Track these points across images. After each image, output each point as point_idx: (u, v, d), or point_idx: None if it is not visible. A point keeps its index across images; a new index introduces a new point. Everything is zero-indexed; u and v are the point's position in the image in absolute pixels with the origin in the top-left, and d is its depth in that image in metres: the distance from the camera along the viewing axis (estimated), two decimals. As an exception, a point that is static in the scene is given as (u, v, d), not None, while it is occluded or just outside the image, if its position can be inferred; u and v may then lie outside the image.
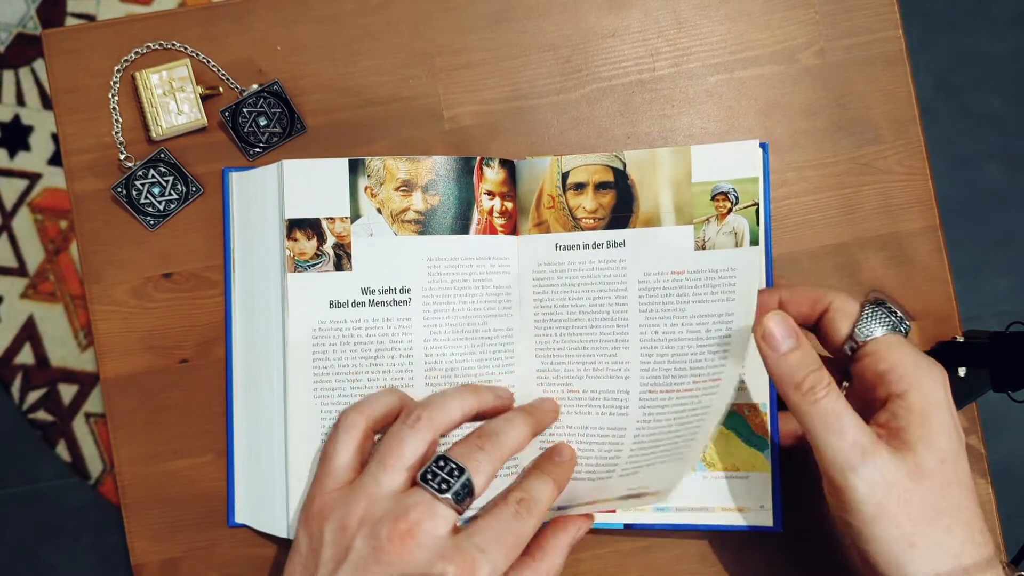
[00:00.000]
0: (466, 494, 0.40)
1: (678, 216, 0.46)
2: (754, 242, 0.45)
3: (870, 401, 0.41)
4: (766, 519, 0.46)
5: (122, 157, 0.49)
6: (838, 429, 0.38)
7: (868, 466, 0.38)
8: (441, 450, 0.43)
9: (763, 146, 0.47)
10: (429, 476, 0.40)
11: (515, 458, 0.46)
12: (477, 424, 0.45)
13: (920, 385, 0.39)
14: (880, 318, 0.41)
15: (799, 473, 0.44)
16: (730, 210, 0.46)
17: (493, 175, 0.48)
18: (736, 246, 0.46)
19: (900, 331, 0.42)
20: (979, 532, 0.39)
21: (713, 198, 0.46)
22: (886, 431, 0.39)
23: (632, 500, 0.44)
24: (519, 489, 0.43)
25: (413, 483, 0.41)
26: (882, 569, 0.38)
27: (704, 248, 0.46)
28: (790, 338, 0.40)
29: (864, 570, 0.40)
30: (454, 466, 0.41)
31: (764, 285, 0.45)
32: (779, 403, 0.46)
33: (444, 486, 0.40)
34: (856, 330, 0.42)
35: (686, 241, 0.46)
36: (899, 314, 0.42)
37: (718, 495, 0.46)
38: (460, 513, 0.41)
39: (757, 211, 0.46)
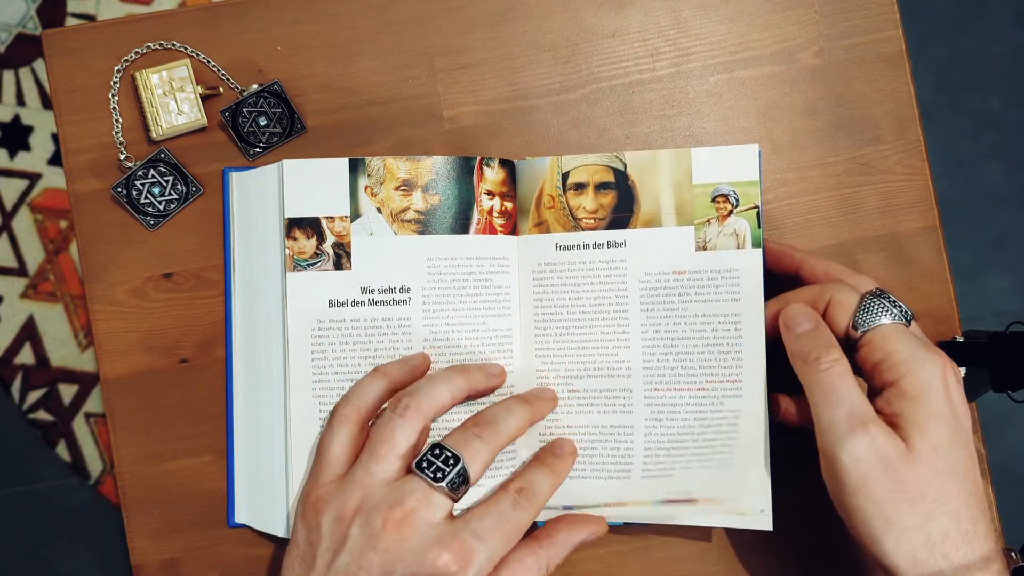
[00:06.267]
0: (461, 482, 0.40)
1: (679, 217, 0.47)
2: (756, 244, 0.46)
3: (875, 390, 0.42)
4: (765, 523, 0.45)
5: (122, 157, 0.49)
6: (835, 400, 0.40)
7: (857, 438, 0.39)
8: (438, 436, 0.43)
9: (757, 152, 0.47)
10: (424, 464, 0.41)
11: (513, 448, 0.47)
12: (475, 405, 0.45)
13: (913, 372, 0.40)
14: (878, 309, 0.42)
15: (798, 473, 0.44)
16: (731, 212, 0.46)
17: (493, 175, 0.48)
18: (738, 248, 0.46)
19: (901, 321, 0.42)
20: (967, 521, 0.38)
21: (714, 200, 0.46)
22: (884, 417, 0.40)
23: (681, 506, 0.46)
24: (519, 479, 0.43)
25: (408, 471, 0.41)
26: (864, 544, 0.39)
27: (705, 249, 0.46)
28: (808, 323, 0.42)
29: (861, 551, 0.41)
30: (449, 454, 0.41)
31: (761, 288, 0.46)
32: (773, 406, 0.46)
33: (439, 474, 0.40)
34: (854, 322, 0.42)
35: (687, 242, 0.46)
36: (900, 305, 0.42)
37: (716, 495, 0.46)
38: (455, 500, 0.41)
39: (758, 214, 0.46)
